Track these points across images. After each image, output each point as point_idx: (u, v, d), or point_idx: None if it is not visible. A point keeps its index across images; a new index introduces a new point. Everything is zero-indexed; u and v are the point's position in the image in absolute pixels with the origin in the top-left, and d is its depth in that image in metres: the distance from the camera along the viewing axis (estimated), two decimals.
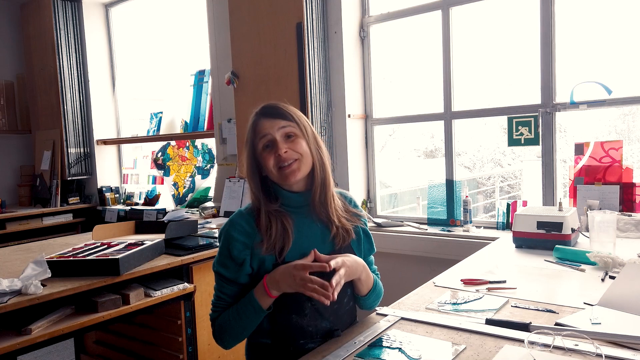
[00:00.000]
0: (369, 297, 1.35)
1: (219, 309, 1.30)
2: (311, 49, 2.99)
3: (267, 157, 1.25)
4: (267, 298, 1.21)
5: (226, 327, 1.26)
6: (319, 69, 3.05)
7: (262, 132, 1.26)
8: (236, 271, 1.26)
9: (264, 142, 1.26)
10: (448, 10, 2.85)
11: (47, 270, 1.85)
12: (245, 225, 1.27)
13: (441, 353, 1.08)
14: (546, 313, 1.27)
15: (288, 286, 1.18)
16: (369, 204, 3.30)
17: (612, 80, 2.38)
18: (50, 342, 1.81)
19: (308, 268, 1.16)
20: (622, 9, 3.33)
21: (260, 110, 1.29)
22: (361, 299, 1.35)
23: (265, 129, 1.25)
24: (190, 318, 2.33)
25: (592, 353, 1.02)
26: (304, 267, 1.16)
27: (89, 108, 4.55)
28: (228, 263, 1.27)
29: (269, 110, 1.28)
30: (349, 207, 1.38)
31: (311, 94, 2.99)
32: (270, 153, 1.25)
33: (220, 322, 1.27)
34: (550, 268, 1.69)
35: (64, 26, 4.36)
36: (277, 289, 1.20)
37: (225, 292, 1.29)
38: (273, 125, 1.25)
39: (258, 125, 1.27)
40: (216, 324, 1.29)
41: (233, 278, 1.27)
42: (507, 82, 7.12)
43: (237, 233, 1.26)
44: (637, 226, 2.08)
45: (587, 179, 2.38)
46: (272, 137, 1.25)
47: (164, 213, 3.65)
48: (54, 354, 2.58)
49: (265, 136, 1.25)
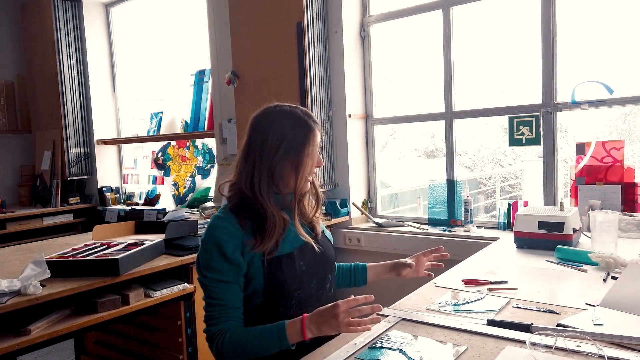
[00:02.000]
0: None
1: (220, 319, 1.22)
2: (311, 49, 2.98)
3: (313, 166, 1.33)
4: (299, 338, 1.15)
5: (238, 349, 1.18)
6: (319, 68, 3.04)
7: (318, 143, 1.33)
8: (235, 273, 1.24)
9: (316, 152, 1.33)
10: (449, 10, 2.84)
11: (47, 270, 1.85)
12: (230, 227, 1.26)
13: (442, 354, 1.08)
14: (548, 314, 1.26)
15: (330, 328, 1.13)
16: (370, 204, 3.29)
17: (614, 80, 2.37)
18: (50, 342, 1.80)
19: (353, 302, 1.13)
20: (622, 9, 3.32)
21: (313, 119, 1.34)
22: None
23: (319, 138, 1.34)
24: (190, 318, 2.33)
25: (594, 354, 1.01)
26: (347, 303, 1.12)
27: (89, 108, 4.55)
28: (223, 267, 1.23)
29: (317, 120, 1.35)
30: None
31: (311, 94, 2.98)
32: (315, 161, 1.33)
33: (232, 341, 1.19)
34: (552, 268, 1.68)
35: (64, 26, 4.36)
36: (316, 330, 1.14)
37: (224, 297, 1.23)
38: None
39: (316, 136, 1.32)
40: (225, 341, 1.19)
41: (233, 281, 1.24)
42: (508, 81, 7.12)
43: (225, 235, 1.24)
44: (638, 226, 2.08)
45: (588, 179, 2.37)
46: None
47: (164, 213, 3.65)
48: (53, 354, 2.58)
49: (318, 147, 1.34)
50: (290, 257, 1.28)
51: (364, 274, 1.57)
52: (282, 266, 1.26)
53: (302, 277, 1.29)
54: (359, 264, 1.59)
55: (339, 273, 1.57)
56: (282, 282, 1.26)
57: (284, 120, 1.30)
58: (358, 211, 3.17)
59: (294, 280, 1.27)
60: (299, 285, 1.28)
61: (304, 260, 1.31)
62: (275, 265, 1.26)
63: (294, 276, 1.27)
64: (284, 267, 1.26)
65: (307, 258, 1.32)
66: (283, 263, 1.27)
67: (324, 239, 1.42)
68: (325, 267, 1.37)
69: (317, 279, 1.33)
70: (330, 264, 1.41)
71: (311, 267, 1.31)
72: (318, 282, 1.33)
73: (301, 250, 1.31)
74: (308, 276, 1.31)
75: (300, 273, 1.29)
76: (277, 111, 1.32)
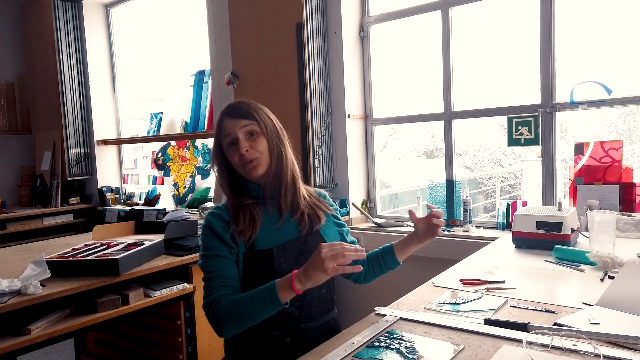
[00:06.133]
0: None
1: (216, 289, 1.26)
2: (311, 49, 2.99)
3: (232, 155, 1.34)
4: (289, 292, 1.16)
5: (232, 312, 1.21)
6: (318, 69, 3.05)
7: (226, 132, 1.34)
8: (228, 251, 1.30)
9: (227, 141, 1.34)
10: (448, 10, 2.85)
11: (47, 270, 1.85)
12: (222, 213, 1.35)
13: (440, 353, 1.08)
14: (545, 313, 1.27)
15: (316, 268, 1.13)
16: (369, 204, 3.30)
17: (612, 80, 2.38)
18: (50, 342, 1.81)
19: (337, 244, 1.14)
20: (621, 9, 3.33)
21: (225, 110, 1.37)
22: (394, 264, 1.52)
23: (228, 128, 1.34)
24: (189, 318, 2.33)
25: (590, 353, 1.02)
26: (331, 248, 1.13)
27: (90, 108, 4.55)
28: (216, 244, 1.30)
29: (232, 109, 1.36)
30: (318, 199, 1.48)
31: (311, 94, 2.99)
32: (235, 151, 1.34)
33: (226, 304, 1.22)
34: (550, 268, 1.69)
35: (65, 26, 4.37)
36: (304, 276, 1.14)
37: (219, 269, 1.27)
38: (235, 124, 1.34)
39: (222, 125, 1.35)
40: (220, 305, 1.22)
41: (228, 257, 1.29)
42: (507, 82, 7.13)
43: (216, 220, 1.34)
44: (636, 226, 2.08)
45: (587, 179, 2.38)
46: (234, 136, 1.33)
47: (164, 213, 3.65)
48: (54, 354, 2.59)
49: (228, 135, 1.34)
50: (268, 253, 1.30)
51: (392, 255, 1.51)
52: (260, 261, 1.29)
53: (282, 274, 1.21)
54: (386, 246, 1.53)
55: (369, 264, 1.53)
56: (260, 277, 1.27)
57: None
58: (357, 211, 3.17)
59: (271, 276, 1.22)
60: None
61: (285, 257, 1.31)
62: (254, 258, 1.30)
63: (272, 272, 1.28)
64: (262, 263, 1.29)
65: (289, 255, 1.32)
66: (262, 258, 1.30)
67: (317, 238, 1.38)
68: None
69: None
70: None
71: (294, 265, 1.25)
72: None
73: (284, 247, 1.32)
74: (288, 274, 1.24)
75: (279, 270, 1.28)
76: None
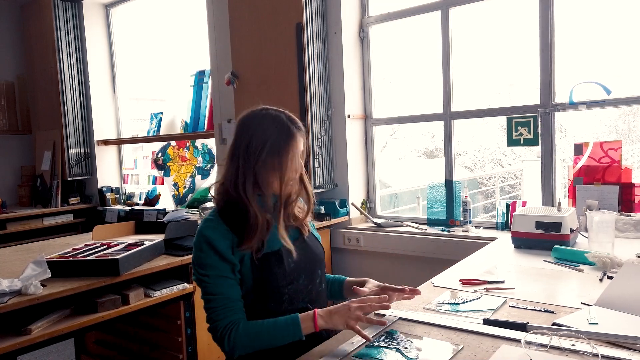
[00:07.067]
0: None
1: (227, 313, 1.24)
2: (311, 50, 2.99)
3: (295, 171, 1.33)
4: (310, 328, 1.21)
5: (253, 339, 1.22)
6: (318, 69, 3.05)
7: (301, 148, 1.34)
8: (231, 270, 1.27)
9: (299, 156, 1.34)
10: (447, 11, 2.86)
11: (47, 270, 1.86)
12: (220, 228, 1.29)
13: (439, 353, 1.09)
14: (544, 313, 1.27)
15: (340, 317, 1.20)
16: (369, 204, 3.30)
17: (612, 81, 2.38)
18: (50, 342, 1.81)
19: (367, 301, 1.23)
20: (621, 9, 3.33)
21: (297, 125, 1.34)
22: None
23: (302, 144, 1.34)
24: (190, 318, 2.34)
25: (588, 353, 1.02)
26: (361, 301, 1.22)
27: (90, 108, 4.55)
28: (218, 263, 1.26)
29: (301, 126, 1.35)
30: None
31: (311, 95, 2.99)
32: (299, 165, 1.35)
33: (246, 331, 1.22)
34: (549, 268, 1.69)
35: (65, 26, 4.37)
36: (327, 320, 1.21)
37: (224, 291, 1.25)
38: (302, 141, 1.35)
39: (299, 141, 1.33)
40: (239, 332, 1.22)
41: (231, 277, 1.27)
42: (507, 82, 7.13)
43: (216, 235, 1.28)
44: (635, 226, 2.09)
45: (586, 179, 2.38)
46: (302, 150, 1.35)
47: (164, 213, 3.65)
48: (54, 354, 2.59)
49: (302, 152, 1.35)
50: (278, 254, 1.31)
51: (340, 289, 1.53)
52: (271, 264, 1.29)
53: (292, 273, 1.32)
54: (340, 278, 1.55)
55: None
56: (273, 279, 1.29)
57: (268, 123, 1.32)
58: (357, 211, 3.18)
59: (284, 276, 1.30)
60: (289, 281, 1.31)
61: (291, 256, 1.33)
62: (264, 263, 1.29)
63: (284, 272, 1.30)
64: (272, 265, 1.29)
65: (293, 255, 1.34)
66: (272, 261, 1.30)
67: (311, 237, 1.44)
68: (314, 262, 1.40)
69: (306, 274, 1.36)
70: (319, 258, 1.43)
71: (299, 263, 1.34)
72: (307, 277, 1.36)
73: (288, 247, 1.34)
74: (297, 272, 1.33)
75: (289, 269, 1.31)
76: (263, 114, 1.34)
